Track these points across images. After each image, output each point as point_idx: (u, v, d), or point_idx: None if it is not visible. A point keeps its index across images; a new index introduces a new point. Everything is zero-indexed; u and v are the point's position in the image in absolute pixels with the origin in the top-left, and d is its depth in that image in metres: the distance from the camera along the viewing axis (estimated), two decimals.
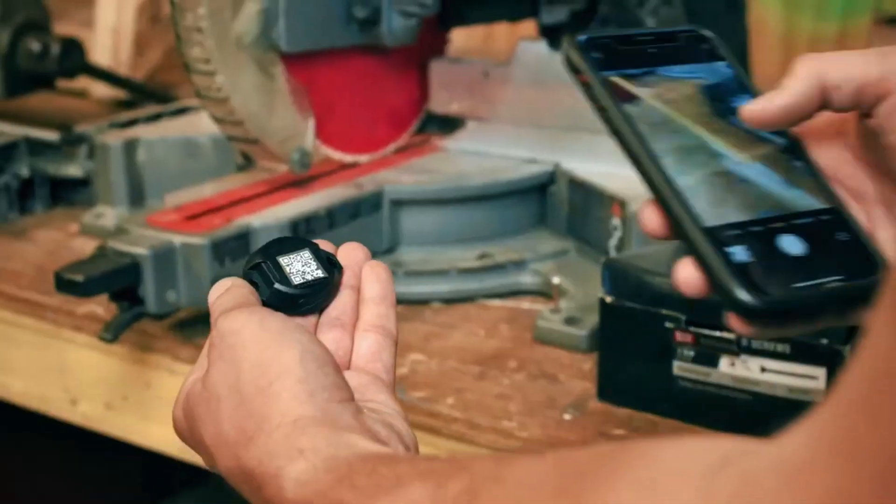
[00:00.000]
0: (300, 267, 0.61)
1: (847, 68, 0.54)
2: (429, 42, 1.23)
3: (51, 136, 1.32)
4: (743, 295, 0.53)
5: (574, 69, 0.62)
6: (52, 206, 1.35)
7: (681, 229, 0.56)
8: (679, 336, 0.86)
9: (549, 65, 1.19)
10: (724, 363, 0.85)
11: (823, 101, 0.55)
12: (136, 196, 1.25)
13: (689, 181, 0.57)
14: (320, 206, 1.08)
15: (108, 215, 1.24)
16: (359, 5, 1.10)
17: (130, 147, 1.24)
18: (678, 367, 0.87)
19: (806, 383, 0.83)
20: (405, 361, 0.99)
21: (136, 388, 1.08)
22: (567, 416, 0.90)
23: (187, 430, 0.57)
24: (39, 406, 1.16)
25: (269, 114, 1.07)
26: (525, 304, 1.10)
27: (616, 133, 0.59)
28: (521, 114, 1.21)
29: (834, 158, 0.58)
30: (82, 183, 1.33)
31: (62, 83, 1.50)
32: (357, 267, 0.64)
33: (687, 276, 0.54)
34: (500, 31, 1.82)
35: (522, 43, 1.21)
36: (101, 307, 1.08)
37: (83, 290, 0.97)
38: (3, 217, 1.31)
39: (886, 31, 1.22)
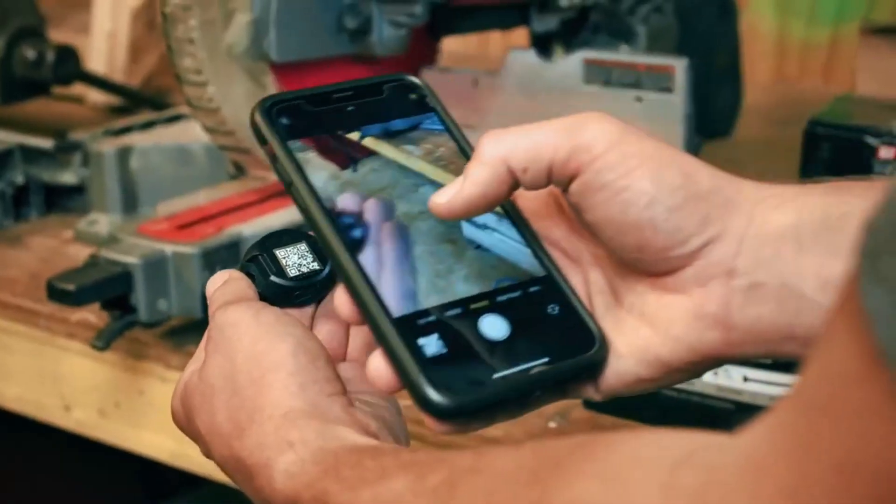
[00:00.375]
0: (297, 259, 0.62)
1: (533, 150, 0.51)
2: (419, 51, 1.24)
3: (45, 143, 1.33)
4: (433, 394, 0.48)
5: (260, 139, 0.55)
6: (46, 212, 1.36)
7: (368, 318, 0.51)
8: None
9: (539, 74, 1.20)
10: (708, 372, 0.86)
11: (513, 183, 0.52)
12: (130, 203, 1.26)
13: (386, 260, 0.52)
14: None
15: (101, 222, 1.25)
16: (349, 15, 1.11)
17: (124, 154, 1.25)
18: None
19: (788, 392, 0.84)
20: None
21: (128, 396, 1.09)
22: (552, 424, 0.91)
23: (184, 420, 0.59)
24: (34, 412, 1.18)
25: None
26: None
27: (304, 212, 0.53)
28: (511, 122, 1.20)
29: (546, 223, 0.55)
30: (77, 190, 1.34)
31: (58, 89, 1.51)
32: None
33: (376, 369, 0.50)
34: (495, 37, 1.83)
35: (512, 52, 1.22)
36: (93, 315, 1.09)
37: (75, 299, 0.98)
38: None
39: (873, 40, 1.23)
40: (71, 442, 1.29)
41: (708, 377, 0.86)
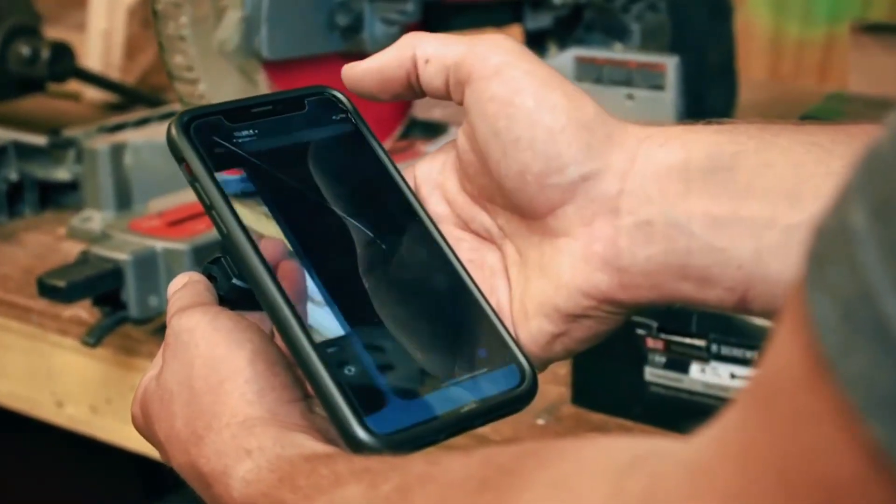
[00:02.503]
0: None
1: (440, 48, 0.52)
2: None
3: (39, 140, 1.33)
4: (362, 435, 0.47)
5: (177, 157, 0.52)
6: (41, 209, 1.36)
7: (291, 347, 0.49)
8: (650, 343, 0.87)
9: None
10: (695, 369, 0.86)
11: (413, 72, 0.53)
12: (124, 199, 1.26)
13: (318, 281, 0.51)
14: None
15: (95, 219, 1.25)
16: (341, 13, 1.12)
17: (118, 151, 1.25)
18: (650, 373, 0.88)
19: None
20: None
21: (119, 392, 1.10)
22: (540, 421, 0.91)
23: (144, 427, 0.58)
24: (27, 408, 1.18)
25: None
26: None
27: (223, 236, 0.51)
28: None
29: (449, 208, 0.55)
30: (71, 186, 1.35)
31: (54, 86, 1.51)
32: None
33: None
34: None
35: None
36: (85, 311, 1.09)
37: (65, 295, 0.98)
38: None
39: (864, 38, 1.23)
40: (67, 439, 1.29)
41: (695, 374, 0.86)
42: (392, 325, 0.51)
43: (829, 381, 0.30)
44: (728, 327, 0.84)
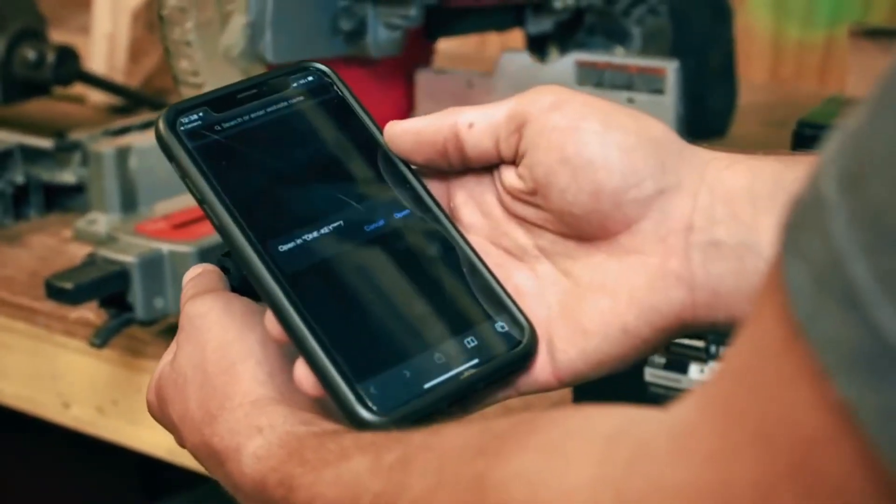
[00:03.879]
0: None
1: (482, 110, 0.53)
2: (414, 52, 1.25)
3: (45, 143, 1.34)
4: (362, 412, 0.48)
5: (167, 154, 0.52)
6: (46, 211, 1.37)
7: (288, 329, 0.50)
8: None
9: (533, 75, 1.21)
10: (694, 370, 0.88)
11: (452, 140, 0.54)
12: (129, 202, 1.27)
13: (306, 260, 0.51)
14: None
15: (100, 221, 1.26)
16: (344, 17, 1.12)
17: (123, 154, 1.26)
18: (650, 374, 0.89)
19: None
20: None
21: (126, 393, 1.11)
22: None
23: (158, 411, 0.60)
24: (32, 409, 1.19)
25: None
26: None
27: (217, 228, 0.52)
28: None
29: (483, 220, 0.56)
30: (76, 189, 1.36)
31: (58, 89, 1.52)
32: None
33: (302, 374, 0.51)
34: (492, 38, 1.84)
35: (506, 54, 1.23)
36: (92, 313, 1.10)
37: (73, 297, 0.99)
38: None
39: (863, 42, 1.24)
40: (67, 439, 1.30)
41: (694, 375, 0.87)
42: (387, 299, 0.52)
43: (801, 343, 0.32)
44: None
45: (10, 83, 1.43)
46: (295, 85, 0.56)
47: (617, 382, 0.91)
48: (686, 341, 0.87)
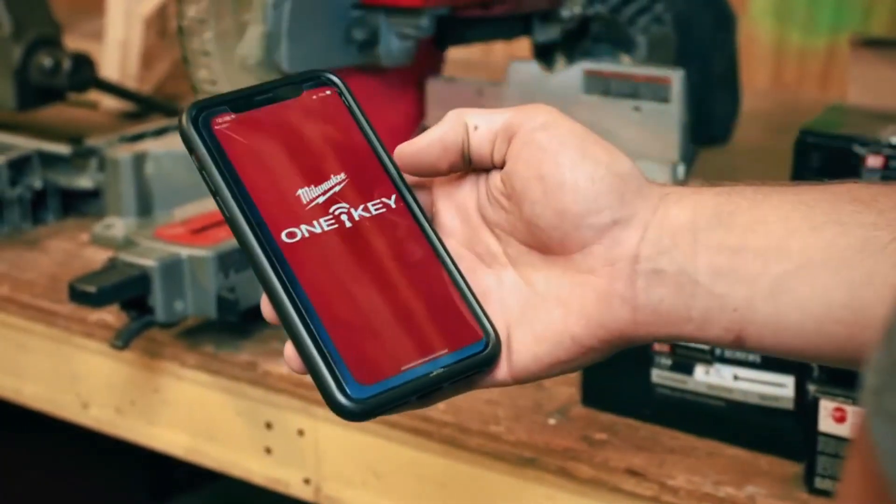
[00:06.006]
0: None
1: (487, 115, 0.58)
2: (425, 61, 1.28)
3: (62, 149, 1.37)
4: (342, 400, 0.52)
5: (188, 146, 0.56)
6: (63, 216, 1.40)
7: (282, 318, 0.54)
8: (657, 346, 0.91)
9: (541, 84, 1.23)
10: (700, 371, 0.90)
11: (465, 137, 0.58)
12: (145, 207, 1.30)
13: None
14: None
15: (117, 226, 1.29)
16: (358, 28, 1.15)
17: (139, 160, 1.29)
18: (656, 375, 0.92)
19: (776, 391, 0.88)
20: None
21: (144, 393, 1.13)
22: (552, 421, 0.95)
23: None
24: (52, 410, 1.21)
25: None
26: None
27: (228, 221, 0.55)
28: None
29: (461, 225, 0.60)
30: (93, 194, 1.39)
31: (73, 95, 1.55)
32: None
33: (290, 354, 0.55)
34: (497, 45, 1.87)
35: (514, 63, 1.25)
36: (110, 315, 1.13)
37: (95, 300, 1.02)
38: (16, 227, 1.36)
39: (864, 52, 1.26)
40: (75, 443, 1.32)
41: (700, 376, 0.90)
42: (371, 298, 0.56)
43: (891, 501, 0.33)
44: None
45: (27, 90, 1.45)
46: (306, 90, 0.60)
47: (625, 383, 0.94)
48: (692, 343, 0.90)
